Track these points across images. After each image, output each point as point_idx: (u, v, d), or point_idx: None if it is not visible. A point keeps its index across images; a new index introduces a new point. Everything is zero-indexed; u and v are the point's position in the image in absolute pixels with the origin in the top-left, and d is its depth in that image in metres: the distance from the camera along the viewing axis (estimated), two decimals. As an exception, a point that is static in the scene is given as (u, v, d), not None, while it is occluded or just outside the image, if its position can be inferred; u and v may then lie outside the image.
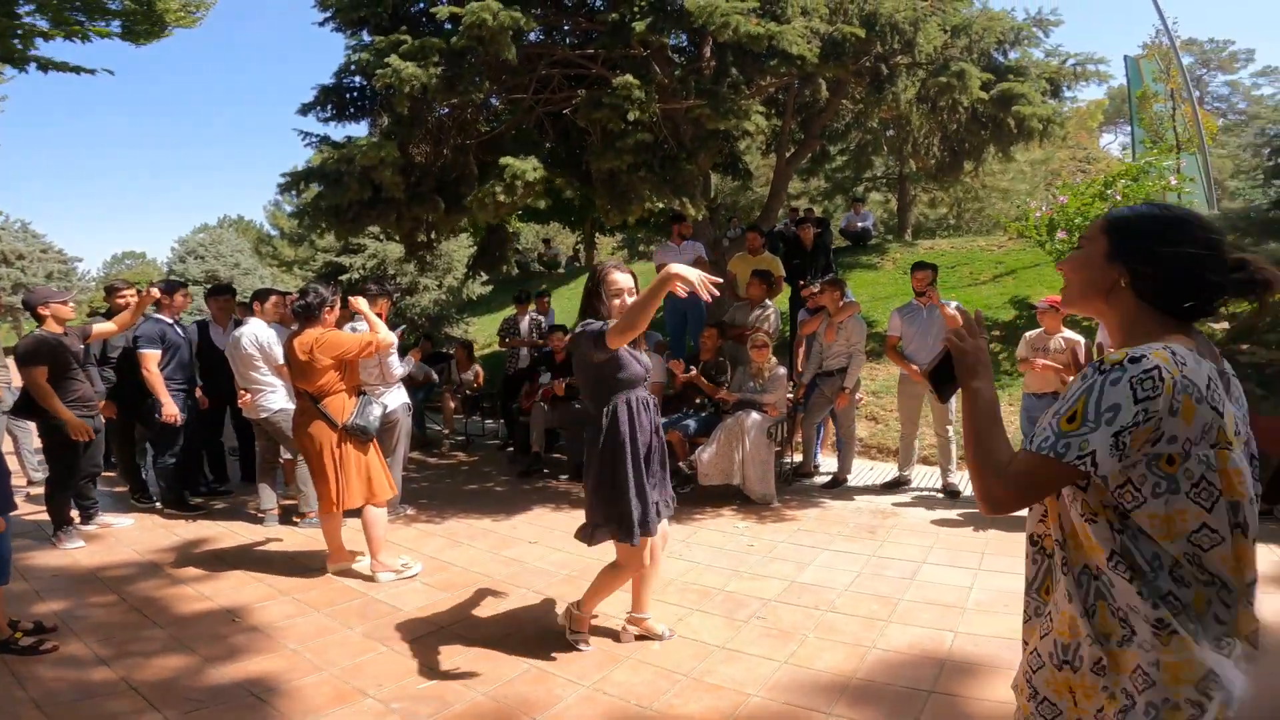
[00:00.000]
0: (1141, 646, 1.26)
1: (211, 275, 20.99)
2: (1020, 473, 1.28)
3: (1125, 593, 1.28)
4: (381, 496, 4.04)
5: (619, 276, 2.88)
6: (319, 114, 7.02)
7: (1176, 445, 1.22)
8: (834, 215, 17.08)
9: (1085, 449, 1.21)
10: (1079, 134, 23.68)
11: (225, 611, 3.57)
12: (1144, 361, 1.20)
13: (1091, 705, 1.31)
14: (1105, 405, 1.21)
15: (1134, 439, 1.20)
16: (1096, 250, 1.37)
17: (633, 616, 3.25)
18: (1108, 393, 1.21)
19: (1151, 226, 1.33)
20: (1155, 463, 1.23)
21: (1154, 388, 1.19)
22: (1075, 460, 1.21)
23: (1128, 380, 1.20)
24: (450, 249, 13.95)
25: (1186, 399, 1.20)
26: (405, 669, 2.98)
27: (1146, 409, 1.19)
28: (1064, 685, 1.36)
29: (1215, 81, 32.38)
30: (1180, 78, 12.82)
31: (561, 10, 7.01)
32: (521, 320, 8.16)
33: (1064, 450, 1.22)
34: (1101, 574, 1.31)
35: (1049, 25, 7.68)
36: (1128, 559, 1.28)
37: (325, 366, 3.87)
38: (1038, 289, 8.66)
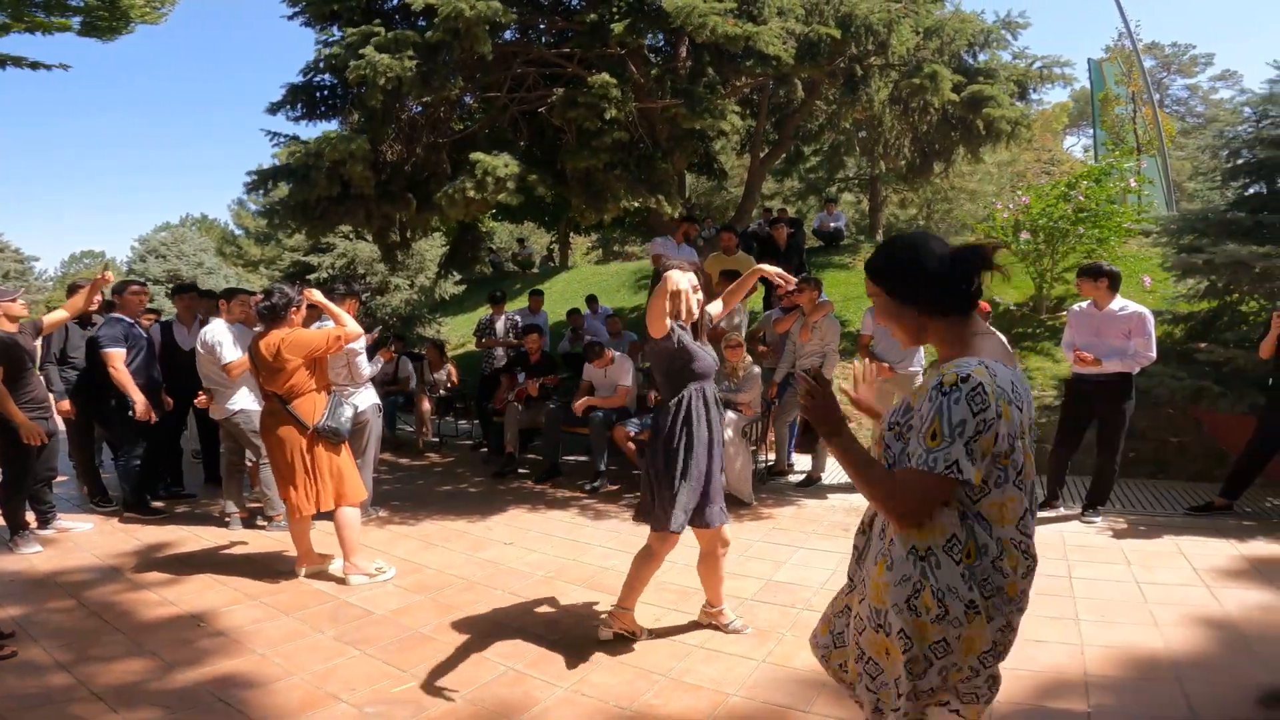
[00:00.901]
0: (950, 623, 1.50)
1: (173, 274, 20.47)
2: (911, 490, 1.49)
3: (950, 574, 1.51)
4: (354, 498, 3.97)
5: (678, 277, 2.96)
6: (288, 113, 6.90)
7: (1005, 443, 1.49)
8: (807, 215, 17.24)
9: (950, 460, 1.44)
10: (1044, 136, 24.21)
11: (190, 616, 3.48)
12: (971, 379, 1.46)
13: (900, 665, 1.54)
14: (955, 421, 1.45)
15: (981, 445, 1.45)
16: (884, 302, 1.58)
17: (708, 610, 3.30)
18: (954, 411, 1.45)
19: (907, 263, 1.57)
20: (997, 460, 1.49)
21: (983, 401, 1.45)
22: (944, 471, 1.44)
23: (964, 397, 1.45)
24: (422, 248, 13.80)
25: (1004, 404, 1.47)
26: (379, 672, 2.92)
27: (984, 419, 1.45)
28: (881, 646, 1.60)
29: (1176, 85, 33.13)
30: (1141, 81, 13.17)
31: (538, 9, 6.97)
32: (497, 320, 8.09)
33: (934, 464, 1.45)
34: (932, 555, 1.53)
35: (1017, 28, 7.83)
36: (965, 544, 1.52)
37: (295, 366, 3.78)
38: (1004, 289, 8.81)
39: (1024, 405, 1.54)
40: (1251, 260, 5.16)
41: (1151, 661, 2.80)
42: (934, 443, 1.46)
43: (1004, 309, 8.37)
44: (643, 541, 2.97)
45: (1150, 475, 5.68)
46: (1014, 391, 1.51)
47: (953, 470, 1.44)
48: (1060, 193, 7.84)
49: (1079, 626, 3.13)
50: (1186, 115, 30.95)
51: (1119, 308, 4.58)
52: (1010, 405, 1.48)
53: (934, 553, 1.53)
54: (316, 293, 4.06)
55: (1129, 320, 4.52)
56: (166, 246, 22.07)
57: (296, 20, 6.85)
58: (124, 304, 5.18)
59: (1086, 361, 4.52)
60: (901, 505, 1.50)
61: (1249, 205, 5.86)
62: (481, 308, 10.62)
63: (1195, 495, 5.00)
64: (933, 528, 1.54)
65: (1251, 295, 5.72)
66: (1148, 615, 3.22)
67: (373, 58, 5.41)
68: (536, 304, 8.90)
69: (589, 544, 4.55)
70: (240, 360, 4.58)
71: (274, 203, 6.86)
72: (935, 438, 1.47)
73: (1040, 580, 3.73)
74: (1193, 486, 5.30)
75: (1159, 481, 5.57)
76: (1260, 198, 5.96)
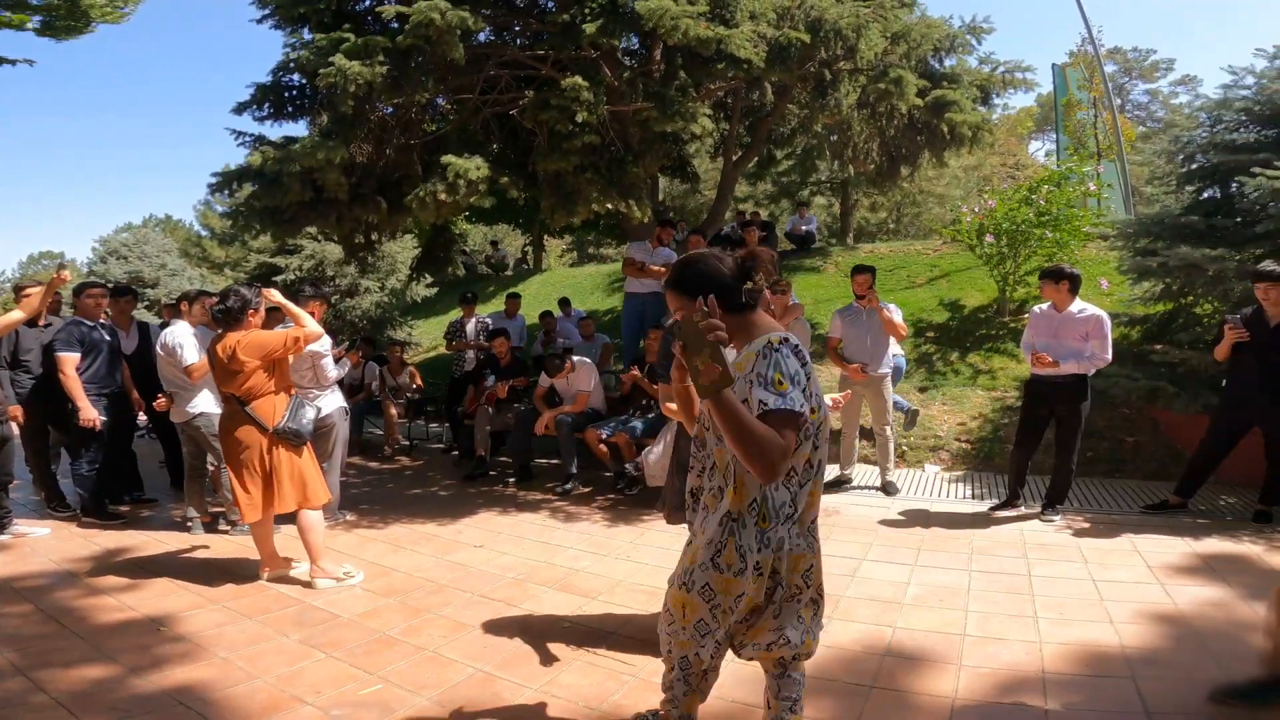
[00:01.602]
0: (745, 577, 1.80)
1: (135, 276, 19.98)
2: (783, 431, 1.65)
3: (750, 535, 1.80)
4: (316, 501, 3.92)
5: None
6: (255, 113, 6.78)
7: (814, 398, 1.79)
8: (780, 219, 17.40)
9: (798, 401, 1.69)
10: (1009, 141, 24.73)
11: (149, 620, 3.41)
12: (790, 340, 1.77)
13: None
14: (790, 371, 1.71)
15: (806, 392, 1.75)
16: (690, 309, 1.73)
17: None
18: (787, 363, 1.72)
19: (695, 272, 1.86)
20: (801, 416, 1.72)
21: (803, 356, 1.77)
22: (800, 408, 1.69)
23: (790, 351, 1.75)
24: (393, 250, 13.67)
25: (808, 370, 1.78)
26: (345, 675, 2.89)
27: (805, 370, 1.77)
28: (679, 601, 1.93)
29: (1136, 90, 33.60)
30: (1103, 86, 13.49)
31: (512, 11, 6.95)
32: (467, 323, 8.03)
33: (792, 404, 1.67)
34: (741, 517, 1.81)
35: (982, 33, 7.98)
36: (762, 506, 1.80)
37: (252, 368, 3.72)
38: (969, 291, 9.00)
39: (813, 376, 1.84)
40: (1205, 263, 5.30)
41: (1107, 658, 2.87)
42: (782, 387, 1.69)
43: (969, 311, 8.55)
44: (615, 543, 2.99)
45: (1107, 474, 5.84)
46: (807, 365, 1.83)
47: (805, 410, 1.71)
48: (1023, 197, 8.02)
49: (1038, 624, 3.20)
50: (1147, 120, 31.28)
51: (1078, 310, 4.68)
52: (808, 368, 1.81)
53: (742, 515, 1.82)
54: (276, 293, 3.99)
55: (1087, 323, 4.63)
56: (128, 248, 21.55)
57: (266, 23, 6.75)
58: (81, 307, 5.06)
59: (1045, 364, 4.63)
60: (784, 449, 1.64)
61: (1203, 209, 6.00)
62: (454, 310, 10.54)
63: (1151, 494, 5.15)
64: (745, 494, 1.81)
65: (1205, 298, 5.88)
66: (1104, 612, 3.30)
67: (343, 65, 5.35)
68: (513, 307, 8.82)
69: (560, 546, 4.55)
70: (202, 363, 4.50)
71: (240, 205, 6.74)
72: (781, 384, 1.70)
73: (1001, 578, 3.84)
74: (1148, 485, 5.45)
75: (1116, 480, 5.72)
76: (1214, 202, 6.09)
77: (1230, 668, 2.68)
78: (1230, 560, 3.92)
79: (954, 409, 6.80)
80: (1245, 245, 5.40)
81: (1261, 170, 5.10)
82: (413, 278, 12.37)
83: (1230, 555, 4.00)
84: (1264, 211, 5.21)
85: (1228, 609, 3.29)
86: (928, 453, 6.40)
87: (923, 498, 5.50)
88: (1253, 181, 5.15)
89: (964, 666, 2.84)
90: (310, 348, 4.31)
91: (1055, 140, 15.23)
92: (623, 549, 4.46)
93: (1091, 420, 6.14)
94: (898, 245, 12.26)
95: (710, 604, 1.87)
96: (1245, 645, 2.86)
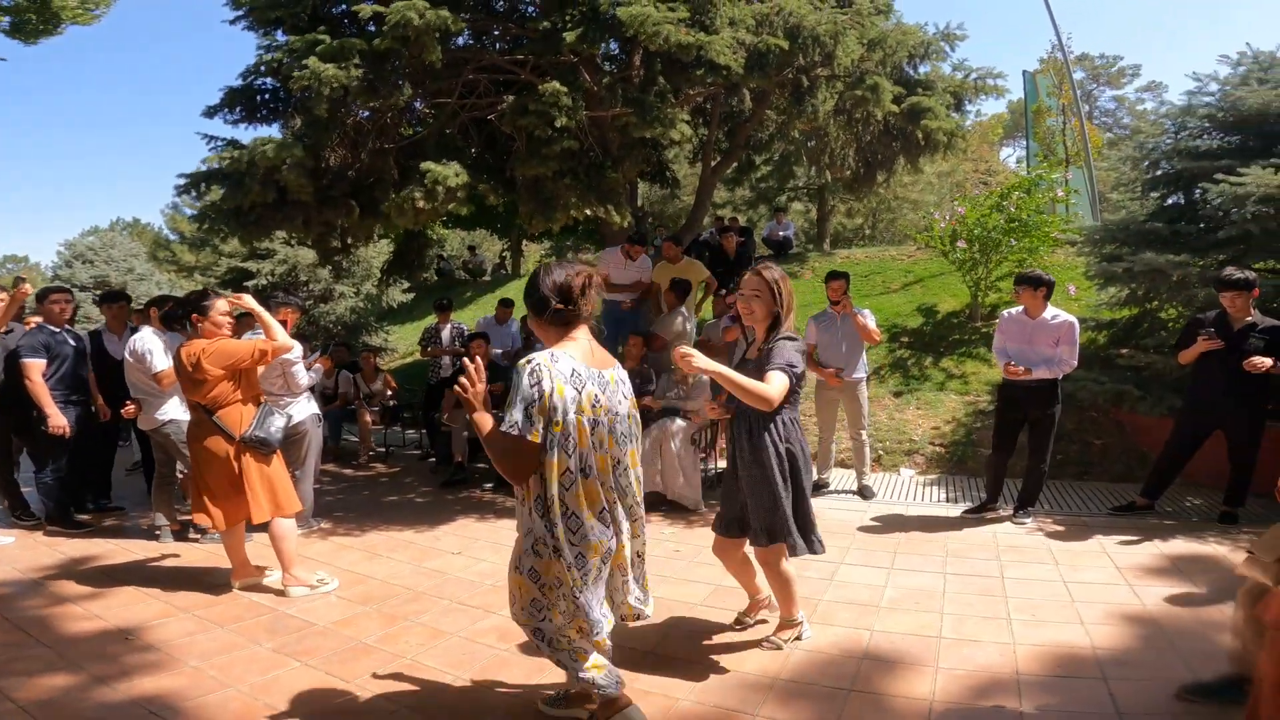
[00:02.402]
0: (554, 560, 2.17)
1: (101, 281, 19.55)
2: (507, 448, 2.09)
3: (539, 525, 2.18)
4: (288, 509, 3.86)
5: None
6: (226, 116, 6.66)
7: (558, 413, 2.08)
8: (757, 224, 17.50)
9: (511, 420, 2.06)
10: (981, 148, 25.14)
11: (117, 630, 3.34)
12: (533, 361, 2.09)
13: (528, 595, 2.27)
14: (517, 391, 2.07)
15: (538, 409, 2.06)
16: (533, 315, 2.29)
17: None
18: (518, 384, 2.08)
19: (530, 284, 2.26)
20: (550, 425, 2.08)
21: (536, 377, 2.07)
22: (508, 428, 2.06)
23: (525, 374, 2.07)
24: (369, 255, 13.51)
25: (559, 383, 2.09)
26: (321, 684, 2.85)
27: (538, 389, 2.06)
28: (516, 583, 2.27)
29: (1104, 96, 34.05)
30: (1071, 92, 13.76)
31: (492, 15, 6.91)
32: (443, 329, 7.97)
33: (509, 426, 2.06)
34: (531, 510, 2.20)
35: (956, 40, 8.07)
36: (540, 503, 2.17)
37: (216, 377, 3.66)
38: (943, 297, 9.13)
39: (584, 388, 2.14)
40: (1169, 269, 5.42)
41: (1079, 659, 2.92)
42: (510, 410, 2.07)
43: (942, 316, 8.67)
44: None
45: (1076, 476, 5.95)
46: (573, 375, 2.13)
47: (513, 429, 2.06)
48: (994, 203, 8.16)
49: (1011, 626, 3.26)
50: (1113, 126, 31.66)
51: (1051, 316, 4.74)
52: (566, 385, 2.10)
53: (532, 509, 2.19)
54: (249, 299, 3.88)
55: (1059, 329, 4.69)
56: (94, 251, 21.09)
57: (239, 24, 6.65)
58: (45, 313, 4.95)
59: (1016, 374, 4.68)
60: (507, 465, 2.13)
61: (1167, 215, 6.13)
62: (430, 316, 10.43)
63: (1119, 495, 5.25)
64: (532, 492, 2.17)
65: (1169, 303, 6.02)
66: (1075, 614, 3.36)
67: (317, 68, 5.28)
68: (504, 314, 8.39)
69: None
70: (170, 369, 4.42)
71: (207, 207, 6.62)
72: (510, 405, 2.08)
73: (974, 580, 3.90)
74: (1116, 487, 5.56)
75: (1085, 483, 5.83)
76: (1178, 208, 6.22)
77: (1197, 667, 2.74)
78: (1196, 560, 4.02)
79: (928, 413, 6.90)
80: (1208, 251, 5.53)
81: (1224, 177, 5.21)
82: (384, 282, 12.20)
83: (1196, 556, 4.10)
84: (1226, 218, 5.32)
85: (1194, 609, 3.37)
86: (903, 456, 6.48)
87: (898, 501, 5.56)
88: (1216, 188, 5.27)
89: (940, 669, 2.87)
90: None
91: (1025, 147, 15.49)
92: (602, 555, 4.45)
93: (1061, 423, 6.24)
94: (873, 251, 12.41)
95: (538, 584, 2.23)
96: (1212, 644, 2.93)
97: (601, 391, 2.20)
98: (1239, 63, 6.04)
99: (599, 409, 2.18)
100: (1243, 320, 4.46)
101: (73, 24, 8.40)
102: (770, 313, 2.90)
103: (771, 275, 2.90)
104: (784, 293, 2.91)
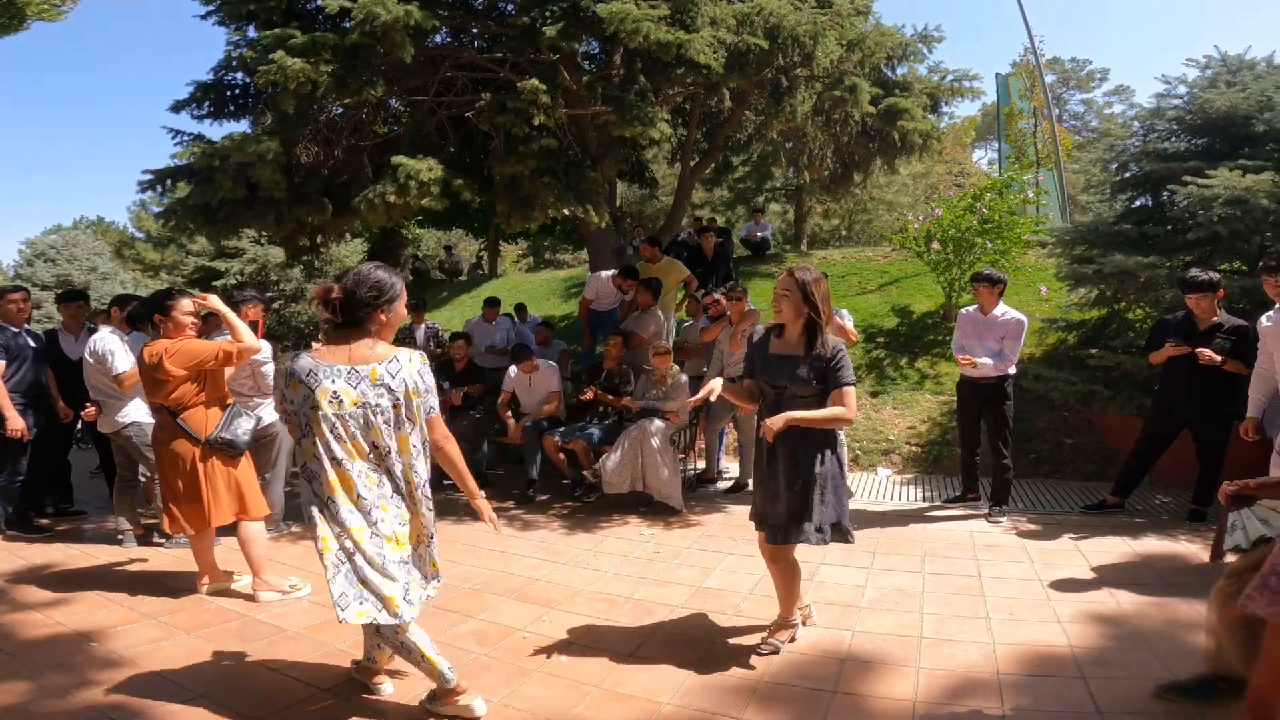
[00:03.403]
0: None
1: (64, 280, 19.04)
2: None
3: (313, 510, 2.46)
4: (256, 512, 3.76)
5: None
6: (194, 111, 6.51)
7: (296, 406, 2.38)
8: (735, 225, 17.56)
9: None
10: (955, 149, 25.47)
11: (79, 635, 3.24)
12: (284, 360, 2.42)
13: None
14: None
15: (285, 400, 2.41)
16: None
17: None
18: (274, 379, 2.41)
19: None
20: (296, 415, 2.39)
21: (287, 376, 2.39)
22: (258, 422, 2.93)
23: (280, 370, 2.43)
24: (341, 254, 13.31)
25: (294, 380, 2.36)
26: (293, 690, 2.78)
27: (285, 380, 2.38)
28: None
29: (1073, 99, 34.53)
30: (1043, 95, 13.99)
31: (471, 12, 6.83)
32: (417, 329, 7.85)
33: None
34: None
35: (933, 41, 8.15)
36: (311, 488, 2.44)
37: (179, 378, 3.54)
38: (918, 297, 9.22)
39: (318, 385, 2.33)
40: (1137, 270, 5.50)
41: (1058, 659, 2.94)
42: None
43: (917, 316, 8.75)
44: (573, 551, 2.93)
45: (1049, 475, 6.04)
46: (309, 374, 2.34)
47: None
48: (967, 205, 8.25)
49: (990, 625, 3.27)
50: (1082, 129, 32.04)
51: (1000, 313, 4.95)
52: (300, 382, 2.35)
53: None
54: (214, 299, 3.75)
55: (1007, 325, 4.91)
56: (57, 250, 20.55)
57: (211, 19, 6.49)
58: (3, 313, 4.78)
59: (962, 364, 4.90)
60: None
61: (1135, 217, 6.22)
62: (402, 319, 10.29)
63: (1090, 494, 5.33)
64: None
65: (1138, 303, 6.12)
66: (1052, 612, 3.39)
67: (284, 62, 5.16)
68: (491, 314, 8.04)
69: (517, 555, 4.48)
70: (133, 371, 4.28)
71: (173, 203, 6.44)
72: None
73: (953, 580, 3.92)
74: (1088, 485, 5.65)
75: (1057, 481, 5.92)
76: (1146, 210, 6.31)
77: (1173, 665, 2.77)
78: (1168, 558, 4.08)
79: (904, 413, 6.95)
80: (1175, 253, 5.63)
81: (1192, 179, 5.29)
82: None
83: (1167, 554, 4.16)
84: (1193, 219, 5.41)
85: (1167, 608, 3.41)
86: (880, 456, 6.53)
87: (876, 500, 5.59)
88: (1183, 190, 5.36)
89: (922, 669, 2.88)
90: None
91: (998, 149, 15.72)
92: (581, 557, 4.41)
93: (1032, 423, 6.37)
94: (850, 251, 12.51)
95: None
96: (1185, 643, 2.97)
97: (353, 386, 2.36)
98: (1207, 66, 6.14)
99: (344, 403, 2.35)
100: (1209, 321, 4.54)
101: (39, 19, 8.13)
102: (800, 313, 2.88)
103: (804, 276, 2.89)
104: (817, 295, 2.87)
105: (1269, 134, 5.47)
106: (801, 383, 2.88)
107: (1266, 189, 4.98)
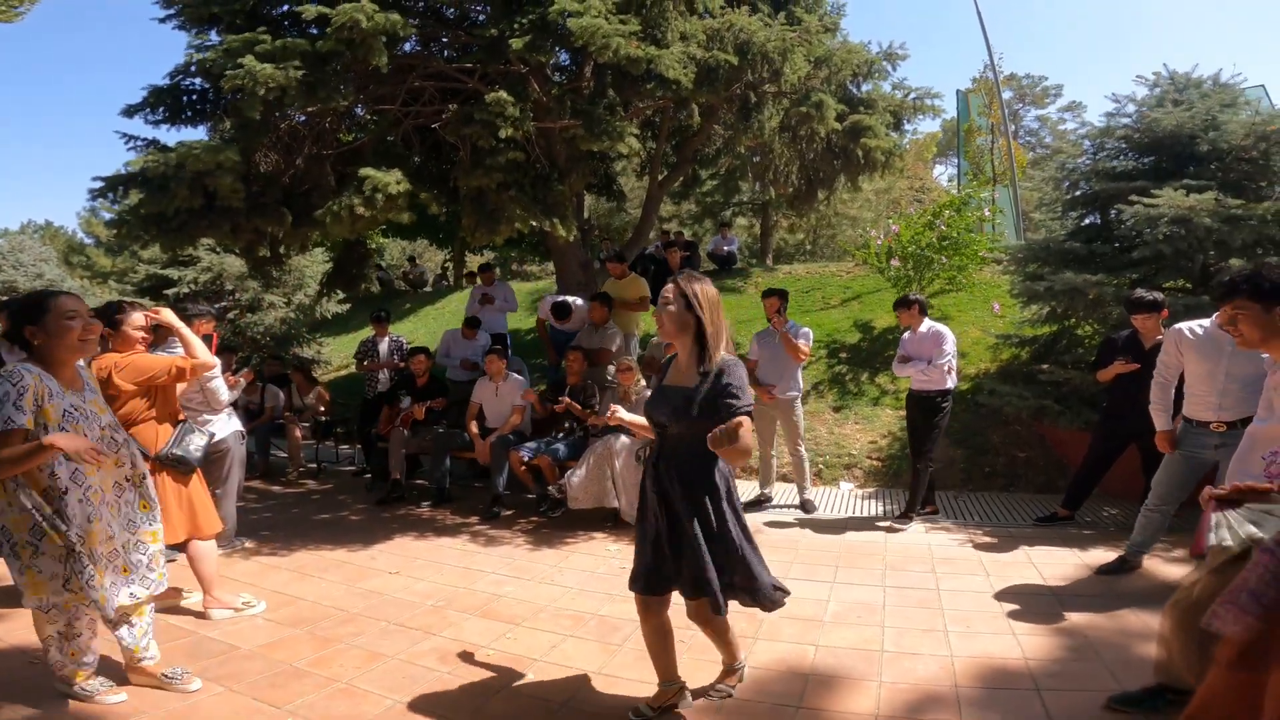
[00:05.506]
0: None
1: (8, 286, 18.30)
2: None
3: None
4: (207, 530, 3.65)
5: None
6: (148, 116, 6.31)
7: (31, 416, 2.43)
8: (703, 239, 17.72)
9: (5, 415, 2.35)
10: (916, 165, 26.06)
11: (19, 652, 3.14)
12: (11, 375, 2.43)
13: None
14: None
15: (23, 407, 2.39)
16: None
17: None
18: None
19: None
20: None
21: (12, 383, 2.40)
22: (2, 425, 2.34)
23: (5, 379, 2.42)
24: (301, 264, 12.99)
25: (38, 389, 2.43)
26: (248, 709, 2.71)
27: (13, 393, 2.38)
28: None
29: (1029, 116, 35.04)
30: (1000, 112, 14.38)
31: (442, 21, 6.78)
32: (381, 341, 7.73)
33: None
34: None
35: (898, 59, 8.32)
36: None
37: (129, 393, 3.44)
38: (879, 313, 9.39)
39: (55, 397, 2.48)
40: (1086, 288, 5.65)
41: (1012, 672, 3.00)
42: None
43: (878, 332, 8.91)
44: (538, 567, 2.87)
45: (1003, 488, 6.19)
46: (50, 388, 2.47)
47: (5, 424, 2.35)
48: (927, 221, 8.44)
49: (948, 638, 3.33)
50: (1037, 146, 32.45)
51: (926, 329, 5.27)
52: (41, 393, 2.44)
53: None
54: (167, 312, 3.62)
55: (932, 338, 5.21)
56: (2, 255, 19.73)
57: (170, 23, 6.33)
58: None
59: (899, 374, 5.33)
60: None
61: (1084, 235, 6.37)
62: (366, 328, 10.09)
63: (1043, 506, 5.47)
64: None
65: (1086, 320, 6.30)
66: (1006, 625, 3.47)
67: (253, 67, 5.06)
68: (470, 333, 7.68)
69: (481, 571, 4.42)
70: None
71: (125, 211, 6.23)
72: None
73: (912, 593, 3.98)
74: (1040, 498, 5.80)
75: (1011, 494, 6.07)
76: (1095, 228, 6.46)
77: (1122, 676, 2.85)
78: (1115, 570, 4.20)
79: (865, 428, 7.07)
80: (1122, 270, 5.78)
81: (1138, 198, 5.47)
82: (323, 294, 11.75)
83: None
84: (1139, 238, 5.58)
85: (1116, 619, 3.51)
86: (842, 470, 6.62)
87: (838, 514, 5.66)
88: (1129, 209, 5.53)
89: (884, 683, 2.92)
90: None
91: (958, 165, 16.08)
92: (546, 573, 4.38)
93: (987, 437, 6.53)
94: (814, 267, 12.69)
95: None
96: (1134, 653, 3.06)
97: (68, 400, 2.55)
98: (1155, 84, 6.31)
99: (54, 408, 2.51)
100: (1153, 339, 4.69)
101: None
102: (685, 325, 2.48)
103: (690, 286, 2.49)
104: (704, 300, 2.48)
105: (1212, 153, 5.67)
106: (685, 418, 2.43)
107: (1209, 208, 5.17)
